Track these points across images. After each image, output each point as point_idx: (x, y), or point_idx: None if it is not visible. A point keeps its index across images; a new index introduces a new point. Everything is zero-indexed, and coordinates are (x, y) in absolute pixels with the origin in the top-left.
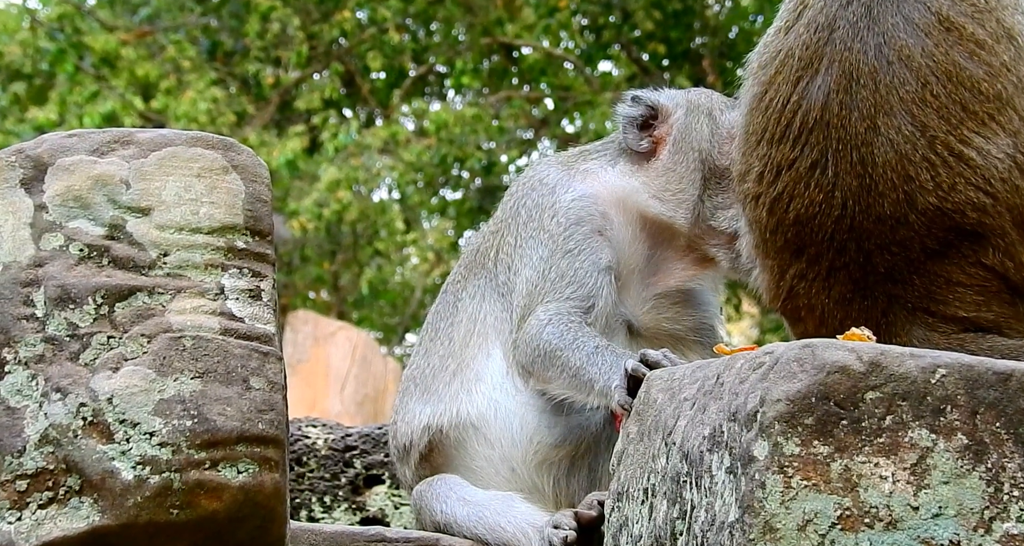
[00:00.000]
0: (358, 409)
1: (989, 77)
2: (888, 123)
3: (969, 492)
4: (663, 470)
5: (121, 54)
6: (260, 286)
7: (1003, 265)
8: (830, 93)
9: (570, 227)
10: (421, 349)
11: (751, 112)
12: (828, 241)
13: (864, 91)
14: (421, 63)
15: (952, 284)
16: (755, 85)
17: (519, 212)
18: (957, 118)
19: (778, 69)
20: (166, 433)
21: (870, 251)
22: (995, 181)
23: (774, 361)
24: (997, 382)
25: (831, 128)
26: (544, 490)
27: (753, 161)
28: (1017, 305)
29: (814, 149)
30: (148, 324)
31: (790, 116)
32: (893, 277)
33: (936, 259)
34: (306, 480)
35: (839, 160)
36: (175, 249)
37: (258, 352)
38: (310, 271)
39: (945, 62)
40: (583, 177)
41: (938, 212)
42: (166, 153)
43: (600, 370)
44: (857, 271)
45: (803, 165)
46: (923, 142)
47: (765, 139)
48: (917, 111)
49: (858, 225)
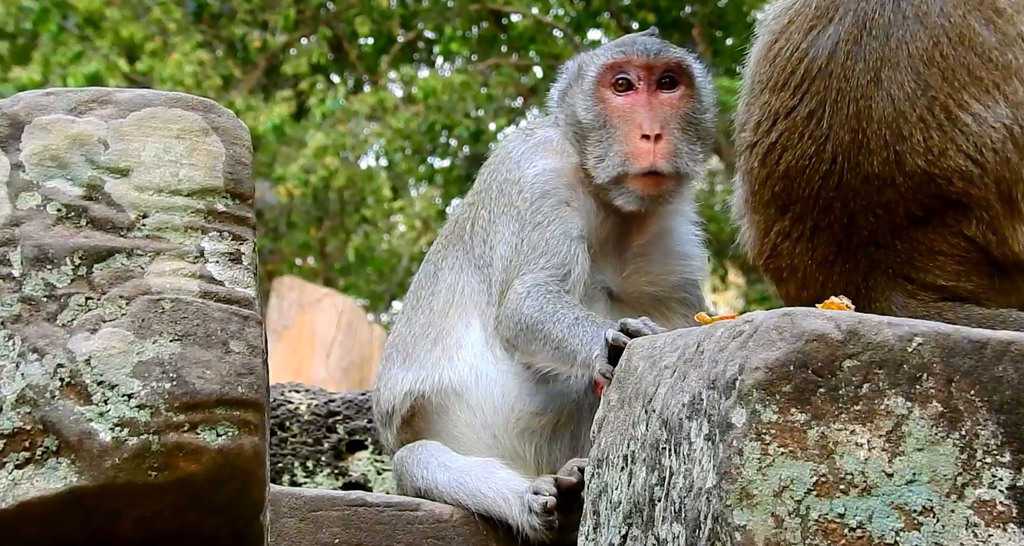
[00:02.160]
0: (343, 375)
1: (1001, 45)
2: (892, 77)
3: (943, 459)
4: (643, 437)
5: (106, 15)
6: (240, 250)
7: (985, 238)
8: (839, 42)
9: (536, 201)
10: (403, 318)
11: (758, 62)
12: (814, 198)
13: (874, 42)
14: (409, 29)
15: (934, 253)
16: (766, 35)
17: (491, 186)
18: (961, 82)
19: (791, 19)
20: (144, 395)
21: (855, 212)
22: (986, 150)
23: (754, 329)
24: (972, 350)
25: (833, 77)
26: (526, 457)
27: (754, 110)
28: (996, 277)
29: (813, 98)
30: (127, 286)
31: (796, 64)
32: (876, 241)
33: (920, 226)
34: (289, 445)
35: (835, 111)
36: (154, 211)
37: (238, 315)
38: (296, 237)
39: (961, 24)
40: (545, 149)
41: (925, 176)
42: (145, 113)
43: (581, 341)
44: (840, 232)
45: (800, 114)
46: (923, 102)
47: (768, 87)
48: (923, 69)
49: (845, 183)
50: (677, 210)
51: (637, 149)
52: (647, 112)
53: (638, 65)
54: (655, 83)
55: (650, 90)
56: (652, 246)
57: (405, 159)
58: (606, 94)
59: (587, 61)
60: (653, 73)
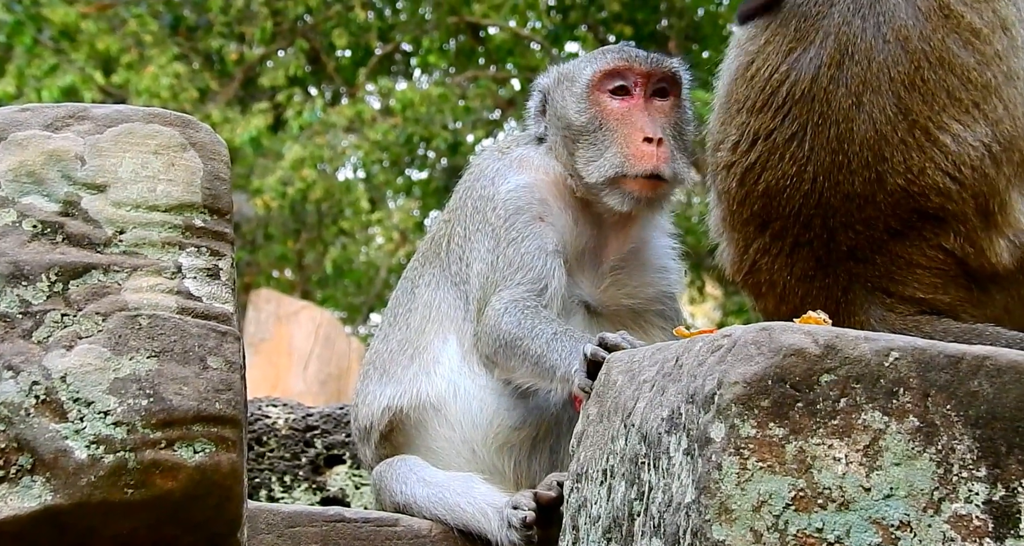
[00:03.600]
0: (321, 388)
1: (980, 66)
2: (873, 101)
3: (920, 473)
4: (622, 451)
5: (81, 27)
6: (218, 265)
7: (963, 250)
8: (821, 66)
9: (510, 217)
10: (380, 334)
11: (734, 81)
12: (794, 216)
13: (856, 67)
14: (387, 41)
15: (912, 265)
16: (741, 55)
17: (466, 204)
18: (941, 104)
19: (768, 40)
20: (121, 412)
21: (835, 228)
22: (965, 167)
23: (732, 344)
24: (948, 365)
25: (816, 102)
26: (505, 471)
27: (730, 130)
28: (973, 290)
29: (795, 121)
30: (103, 302)
31: (776, 86)
32: (855, 255)
33: (898, 239)
34: (266, 460)
35: (817, 135)
36: (131, 226)
37: (216, 331)
38: (274, 249)
39: (940, 48)
40: (519, 165)
41: (904, 194)
42: (122, 129)
43: (560, 356)
44: (820, 248)
45: (781, 137)
46: (903, 125)
47: (746, 108)
48: (904, 94)
49: (826, 201)
50: (654, 222)
51: (640, 151)
52: (646, 117)
53: (638, 72)
54: (651, 91)
55: (646, 97)
56: (629, 259)
57: (383, 171)
58: (601, 98)
59: (577, 66)
60: (651, 81)
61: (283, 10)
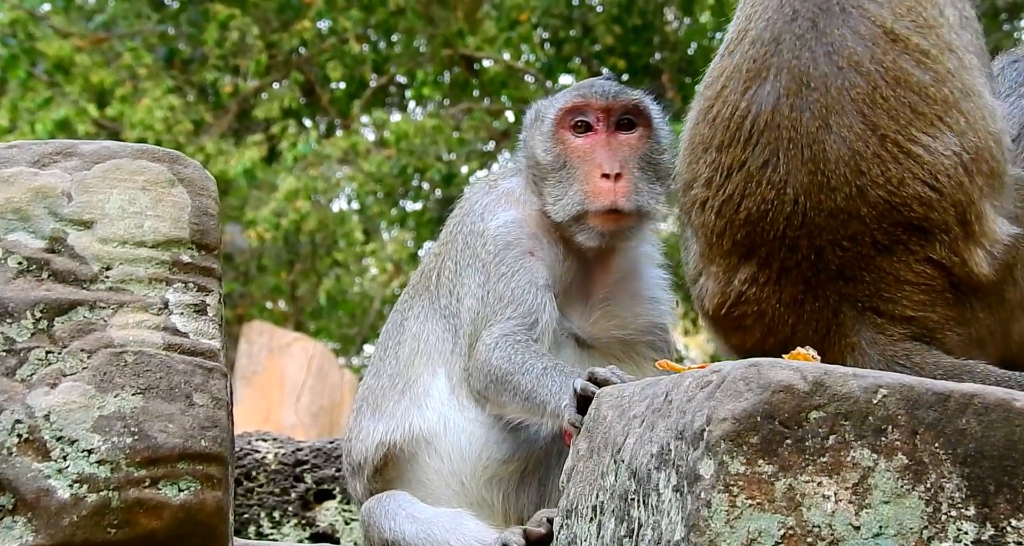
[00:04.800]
0: (313, 421)
1: (935, 83)
2: (840, 122)
3: (909, 512)
4: (611, 488)
5: (75, 61)
6: (205, 301)
7: (950, 260)
8: (780, 97)
9: (500, 252)
10: (372, 369)
11: (696, 125)
12: (780, 239)
13: (815, 94)
14: (382, 73)
15: (900, 282)
16: (701, 101)
17: (456, 238)
18: (906, 118)
19: (724, 84)
20: (105, 450)
21: (822, 247)
22: (941, 176)
23: (721, 379)
24: (936, 402)
25: (781, 128)
26: (494, 505)
27: (700, 168)
28: (959, 306)
29: (765, 149)
30: (88, 339)
31: (739, 121)
32: (844, 274)
33: (885, 255)
34: (255, 495)
35: (790, 158)
36: (118, 263)
37: (202, 368)
38: (267, 281)
39: (893, 68)
40: (507, 200)
41: (888, 206)
42: (110, 165)
43: (550, 391)
44: (809, 269)
45: (754, 164)
46: (874, 140)
47: (713, 146)
48: (868, 111)
49: (810, 221)
50: (643, 253)
51: (597, 188)
52: (606, 152)
53: (596, 107)
54: (614, 125)
55: (609, 131)
56: (619, 290)
57: (377, 202)
58: (565, 136)
59: (546, 105)
60: (611, 115)
61: (278, 43)
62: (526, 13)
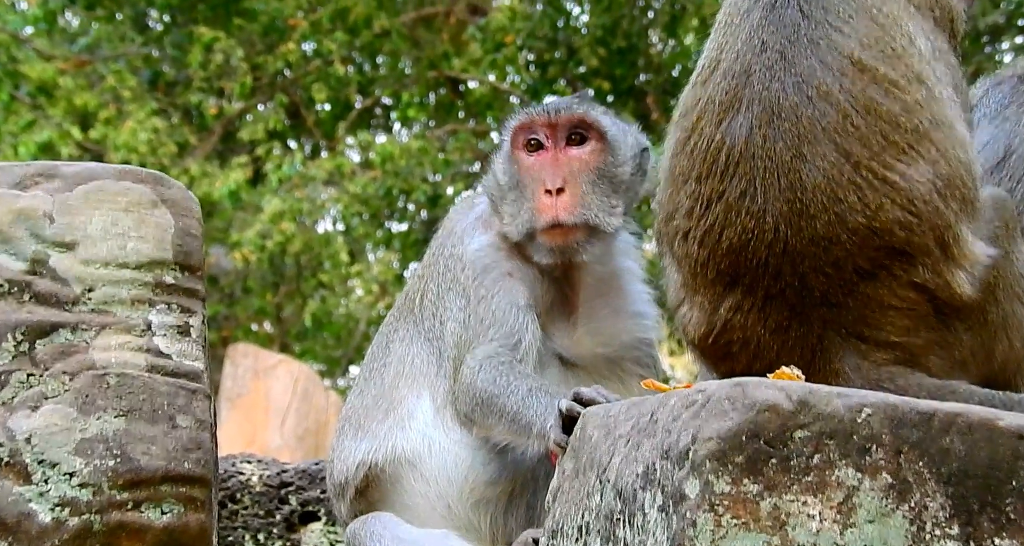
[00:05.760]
0: (299, 443)
1: (905, 112)
2: (814, 151)
3: (893, 531)
4: (597, 507)
5: (59, 83)
6: (189, 322)
7: (933, 283)
8: (752, 128)
9: (479, 276)
10: (356, 390)
11: (675, 156)
12: (763, 267)
13: (787, 124)
14: (367, 95)
15: (884, 307)
16: (678, 131)
17: (438, 261)
18: (879, 146)
19: (699, 115)
20: (87, 473)
21: (805, 273)
22: (918, 201)
23: (706, 399)
24: (920, 422)
25: (756, 159)
26: (481, 527)
27: (681, 199)
28: (943, 330)
29: (742, 179)
30: (70, 361)
31: (716, 153)
32: (828, 300)
33: (868, 280)
34: (240, 517)
35: (767, 187)
36: (101, 284)
37: (185, 389)
38: (252, 303)
39: (863, 98)
40: (485, 223)
41: (868, 231)
42: (92, 187)
43: (536, 412)
44: (793, 296)
45: (732, 195)
46: (848, 167)
47: (693, 177)
48: (840, 140)
49: (791, 248)
50: (624, 268)
51: (541, 204)
52: (551, 168)
53: (542, 124)
54: (563, 140)
55: (558, 148)
56: (601, 307)
57: (362, 224)
58: (519, 155)
59: (504, 127)
60: (559, 131)
61: (262, 65)
62: (511, 35)
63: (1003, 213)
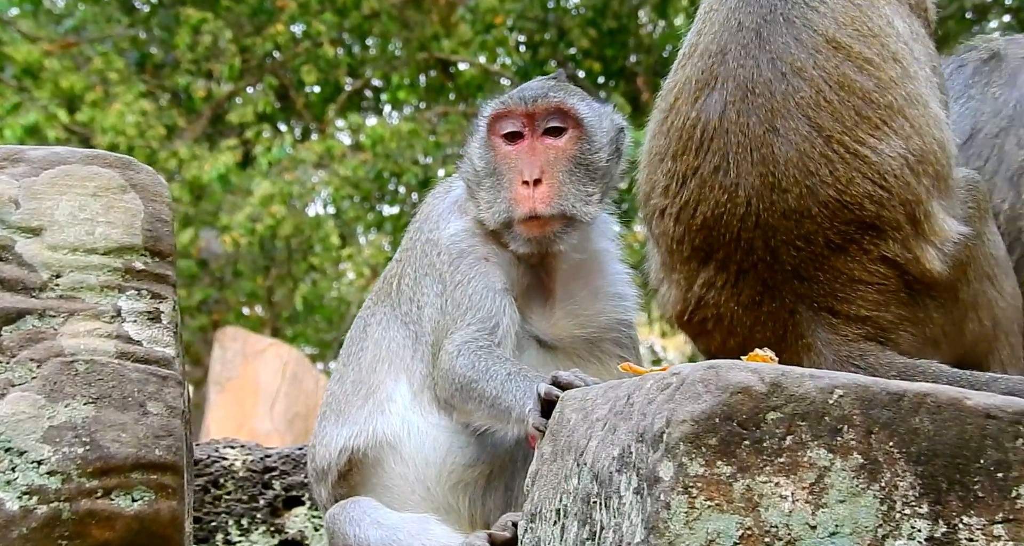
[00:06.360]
0: (288, 427)
1: (879, 89)
2: (786, 125)
3: (864, 510)
4: (575, 491)
5: (45, 65)
6: (159, 308)
7: (903, 257)
8: (726, 104)
9: (454, 261)
10: (336, 375)
11: (654, 136)
12: (735, 241)
13: (760, 99)
14: (357, 77)
15: (854, 281)
16: (657, 113)
17: (415, 246)
18: (852, 121)
19: (677, 95)
20: (55, 461)
21: (776, 247)
22: (889, 176)
23: (680, 382)
24: (890, 402)
25: (730, 134)
26: (460, 510)
27: (657, 177)
28: (913, 306)
29: (716, 155)
30: (38, 348)
31: (691, 130)
32: (799, 274)
33: (839, 254)
34: (223, 503)
35: (740, 161)
36: (68, 270)
37: (156, 376)
38: (243, 286)
39: (836, 74)
40: (460, 207)
41: (839, 204)
42: (59, 171)
43: (515, 396)
44: (765, 270)
45: (706, 170)
46: (820, 141)
47: (669, 155)
48: (813, 114)
49: (763, 221)
50: (601, 249)
51: (518, 195)
52: (528, 158)
53: (519, 114)
54: (541, 129)
55: (535, 136)
56: (580, 289)
57: (353, 207)
58: (496, 142)
59: (481, 111)
60: (535, 120)
61: (251, 47)
62: (501, 16)
63: (976, 194)
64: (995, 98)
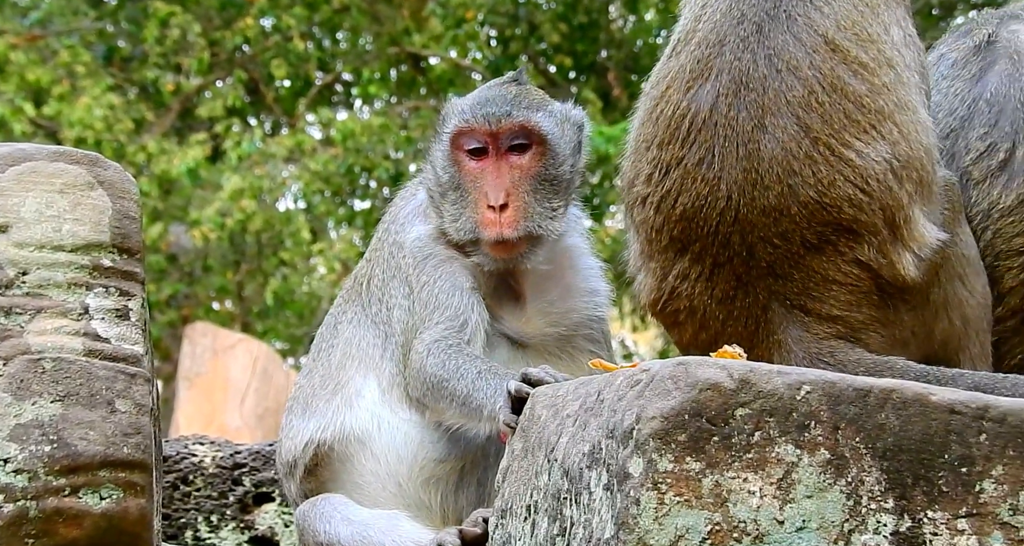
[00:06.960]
0: (258, 422)
1: (871, 94)
2: (775, 122)
3: (831, 505)
4: (545, 487)
5: (10, 58)
6: (128, 305)
7: (877, 262)
8: (719, 96)
9: (419, 264)
10: (305, 370)
11: (642, 124)
12: (713, 234)
13: (753, 94)
14: (327, 71)
15: (828, 281)
16: (646, 101)
17: (383, 247)
18: (840, 124)
19: (669, 84)
20: (22, 459)
21: (753, 244)
22: (871, 180)
23: (650, 378)
24: (857, 398)
25: (718, 126)
26: (432, 506)
27: (642, 165)
28: (884, 308)
29: (702, 147)
30: (4, 346)
31: (680, 119)
32: (774, 271)
33: (815, 254)
34: (192, 499)
35: (725, 155)
36: (35, 267)
37: (124, 374)
38: (213, 281)
39: (831, 76)
40: (425, 211)
41: (818, 205)
42: (25, 168)
43: (486, 394)
44: (740, 265)
45: (691, 161)
46: (807, 141)
47: (655, 144)
48: (802, 114)
49: (743, 217)
50: (571, 245)
51: (485, 219)
52: (494, 180)
53: (483, 133)
54: (506, 146)
55: (499, 154)
56: (551, 287)
57: (324, 201)
58: (460, 157)
59: (445, 118)
60: (499, 139)
61: (220, 40)
62: (472, 11)
63: (951, 195)
64: (955, 94)
